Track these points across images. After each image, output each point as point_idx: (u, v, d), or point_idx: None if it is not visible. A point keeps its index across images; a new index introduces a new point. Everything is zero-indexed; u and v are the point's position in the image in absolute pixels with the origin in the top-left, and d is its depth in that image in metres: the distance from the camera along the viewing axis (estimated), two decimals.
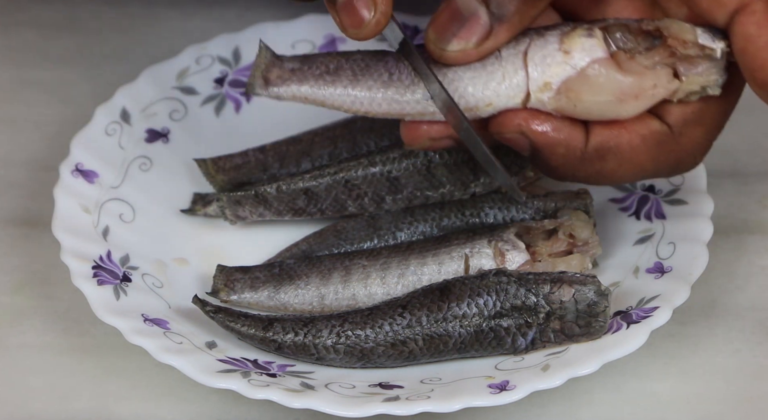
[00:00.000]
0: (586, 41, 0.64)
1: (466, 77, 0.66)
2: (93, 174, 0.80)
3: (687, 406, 0.73)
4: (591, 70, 0.64)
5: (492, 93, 0.65)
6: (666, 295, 0.72)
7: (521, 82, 0.65)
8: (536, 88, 0.65)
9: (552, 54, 0.64)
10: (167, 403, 0.73)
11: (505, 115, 0.66)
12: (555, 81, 0.64)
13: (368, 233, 0.79)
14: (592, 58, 0.64)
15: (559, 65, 0.64)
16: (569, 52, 0.64)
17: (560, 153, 0.65)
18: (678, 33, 0.64)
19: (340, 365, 0.73)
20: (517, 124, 0.65)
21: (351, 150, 0.81)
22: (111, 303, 0.73)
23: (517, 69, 0.65)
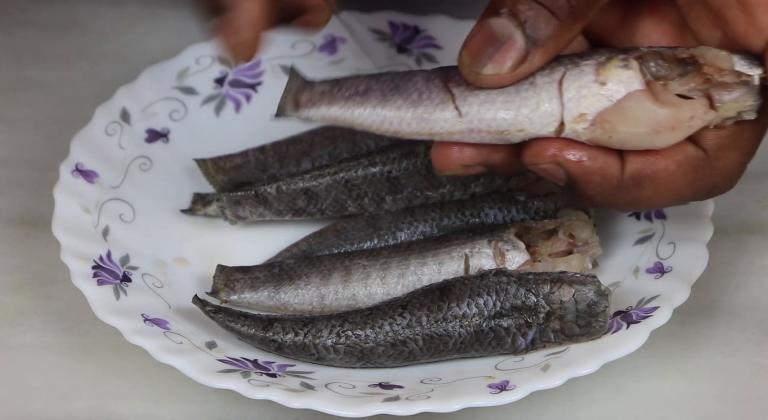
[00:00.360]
0: (622, 73, 0.63)
1: (498, 100, 0.64)
2: (93, 174, 0.80)
3: (687, 406, 0.73)
4: (627, 102, 0.63)
5: (525, 119, 0.64)
6: (666, 295, 0.72)
7: (555, 111, 0.64)
8: (571, 118, 0.63)
9: (588, 85, 0.63)
10: (167, 403, 0.73)
11: (539, 145, 0.65)
12: (590, 112, 0.63)
13: (368, 233, 0.79)
14: (629, 90, 0.63)
15: (595, 96, 0.63)
16: (605, 84, 0.63)
17: (596, 182, 0.64)
18: (714, 61, 0.63)
19: (340, 365, 0.73)
20: (552, 155, 0.64)
21: (351, 150, 0.81)
22: (111, 303, 0.73)
23: (551, 97, 0.64)
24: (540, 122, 0.64)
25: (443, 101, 0.65)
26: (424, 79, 0.66)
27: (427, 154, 0.78)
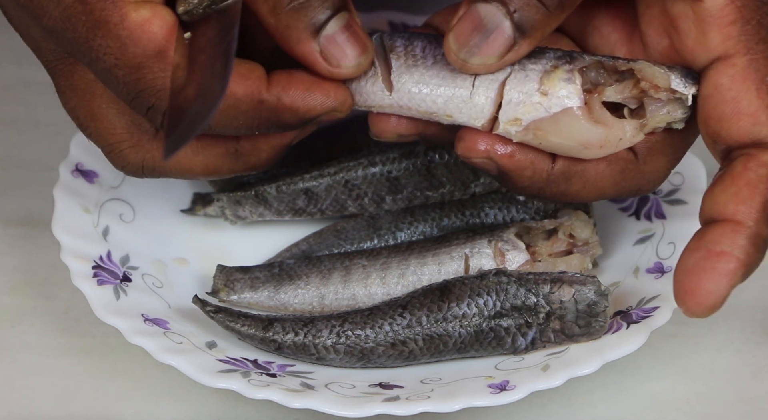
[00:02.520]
0: (564, 87, 0.64)
1: (432, 83, 0.65)
2: (93, 174, 0.80)
3: (687, 406, 0.73)
4: (563, 116, 0.64)
5: (455, 108, 0.65)
6: (666, 295, 0.72)
7: (487, 109, 0.64)
8: (506, 119, 0.64)
9: (529, 93, 0.64)
10: (167, 403, 0.73)
11: (471, 139, 0.66)
12: (526, 119, 0.64)
13: (368, 233, 0.79)
14: (567, 106, 0.64)
15: (534, 105, 0.64)
16: (546, 94, 0.64)
17: (527, 175, 0.66)
18: (651, 77, 0.64)
19: (340, 365, 0.73)
20: (484, 151, 0.65)
21: (351, 150, 0.81)
22: (111, 303, 0.73)
23: (488, 96, 0.64)
24: (469, 114, 0.65)
25: (375, 74, 0.66)
26: (377, 42, 0.66)
27: (427, 153, 0.78)
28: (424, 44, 0.66)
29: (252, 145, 0.67)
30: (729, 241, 0.60)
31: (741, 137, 0.62)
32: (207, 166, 0.67)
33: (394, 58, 0.66)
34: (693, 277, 0.61)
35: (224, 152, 0.67)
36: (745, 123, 0.62)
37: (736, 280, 0.60)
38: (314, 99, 0.64)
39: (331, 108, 0.65)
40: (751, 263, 0.61)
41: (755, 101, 0.62)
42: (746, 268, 0.60)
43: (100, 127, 0.67)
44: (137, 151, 0.67)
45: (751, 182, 0.61)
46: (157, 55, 0.62)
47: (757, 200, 0.61)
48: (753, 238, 0.61)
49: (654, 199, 0.79)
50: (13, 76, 0.91)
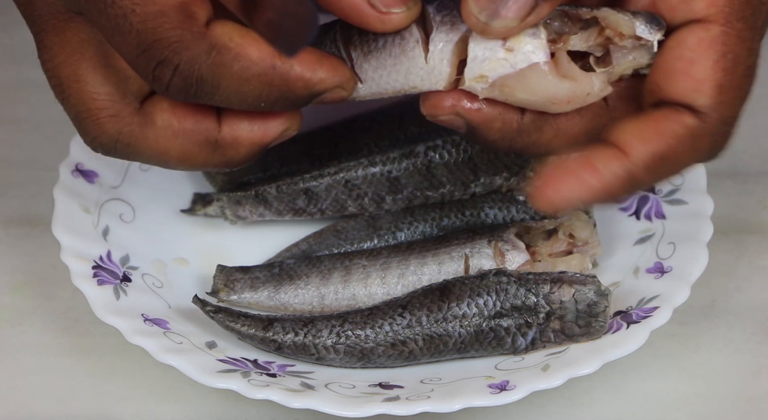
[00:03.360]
0: (530, 41, 0.63)
1: (388, 64, 0.65)
2: (93, 174, 0.80)
3: (687, 406, 0.73)
4: (529, 72, 0.63)
5: (416, 78, 0.64)
6: (666, 295, 0.72)
7: (445, 71, 0.64)
8: (471, 76, 0.63)
9: (494, 49, 0.63)
10: (167, 403, 0.73)
11: (435, 96, 0.65)
12: (492, 75, 0.63)
13: (368, 233, 0.79)
14: (533, 61, 0.63)
15: (499, 61, 0.63)
16: (512, 50, 0.63)
17: (497, 128, 0.64)
18: (616, 25, 0.63)
19: (340, 365, 0.73)
20: (451, 106, 0.64)
21: (351, 150, 0.81)
22: (111, 303, 0.73)
23: (443, 58, 0.64)
24: (430, 80, 0.64)
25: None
26: (330, 42, 0.66)
27: (427, 153, 0.78)
28: None
29: (233, 137, 0.65)
30: (607, 162, 0.61)
31: (678, 96, 0.61)
32: (183, 152, 0.65)
33: (352, 49, 0.65)
34: (557, 172, 0.61)
35: (204, 141, 0.65)
36: (688, 85, 0.61)
37: (588, 197, 0.61)
38: (323, 72, 0.63)
39: (338, 83, 0.63)
40: (610, 193, 0.61)
41: (708, 70, 0.61)
42: (604, 194, 0.61)
43: (83, 89, 0.64)
44: (116, 122, 0.64)
45: (660, 130, 0.61)
46: (180, 6, 0.60)
47: (654, 147, 0.61)
48: (628, 174, 0.61)
49: (654, 199, 0.79)
50: (13, 76, 0.91)
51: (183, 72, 0.61)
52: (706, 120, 0.62)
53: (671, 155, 0.62)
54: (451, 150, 0.78)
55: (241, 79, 0.62)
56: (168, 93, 0.62)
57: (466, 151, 0.78)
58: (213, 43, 0.61)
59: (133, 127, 0.64)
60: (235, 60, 0.61)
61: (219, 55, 0.61)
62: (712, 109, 0.61)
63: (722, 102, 0.62)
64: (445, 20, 0.64)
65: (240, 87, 0.62)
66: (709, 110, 0.61)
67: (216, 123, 0.65)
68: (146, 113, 0.64)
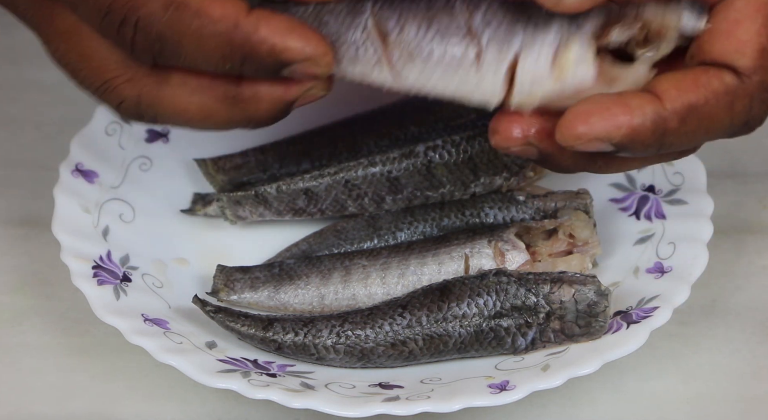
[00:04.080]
0: (578, 63, 0.62)
1: (435, 75, 0.63)
2: (93, 174, 0.80)
3: (687, 406, 0.73)
4: (578, 89, 0.63)
5: (465, 94, 0.63)
6: (666, 295, 0.72)
7: (498, 92, 0.63)
8: (518, 100, 0.63)
9: (542, 74, 0.62)
10: (167, 403, 0.73)
11: (503, 128, 0.63)
12: (540, 94, 0.62)
13: (368, 233, 0.79)
14: (583, 81, 0.62)
15: (549, 85, 0.62)
16: (560, 77, 0.62)
17: (570, 153, 0.63)
18: (662, 25, 0.62)
19: (340, 365, 0.73)
20: (523, 137, 0.63)
21: (351, 150, 0.81)
22: (111, 303, 0.73)
23: (497, 81, 0.63)
24: (481, 96, 0.63)
25: (379, 62, 0.64)
26: (362, 31, 0.64)
27: (427, 153, 0.78)
28: (417, 27, 0.63)
29: (253, 92, 0.63)
30: (640, 103, 0.60)
31: (720, 56, 0.61)
32: (203, 108, 0.64)
33: (391, 48, 0.63)
34: (589, 106, 0.61)
35: (222, 96, 0.64)
36: (731, 46, 0.61)
37: (615, 134, 0.60)
38: (293, 39, 0.61)
39: (309, 56, 0.61)
40: (638, 135, 0.60)
41: (753, 33, 0.61)
42: (631, 135, 0.60)
43: (93, 65, 0.64)
44: (133, 85, 0.64)
45: (698, 83, 0.61)
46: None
47: (690, 98, 0.61)
48: (659, 119, 0.60)
49: (654, 199, 0.79)
50: (13, 76, 0.91)
51: (142, 29, 0.60)
52: (745, 81, 0.61)
53: (705, 109, 0.61)
54: (451, 150, 0.78)
55: (202, 37, 0.61)
56: (135, 54, 0.61)
57: (466, 151, 0.78)
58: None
59: (150, 88, 0.64)
60: (195, 16, 0.60)
61: (177, 11, 0.60)
62: (753, 71, 0.61)
63: (764, 66, 0.61)
64: (493, 38, 0.62)
65: (201, 45, 0.61)
66: (750, 72, 0.61)
67: (234, 78, 0.63)
68: (161, 72, 0.64)
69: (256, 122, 0.64)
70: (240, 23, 0.60)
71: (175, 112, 0.64)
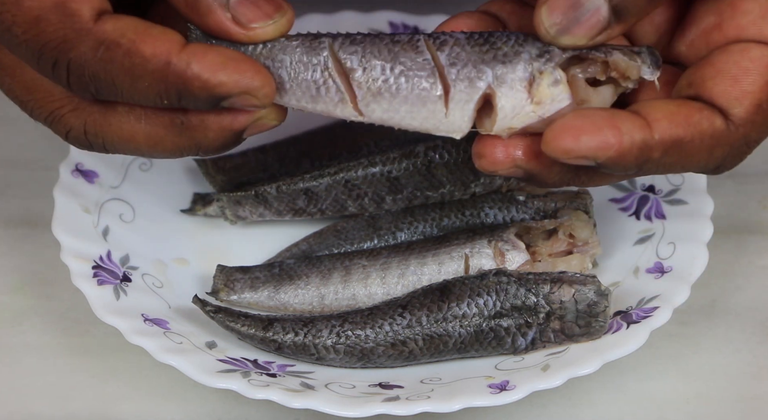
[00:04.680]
0: (554, 90, 0.63)
1: (402, 110, 0.64)
2: (93, 174, 0.80)
3: (687, 406, 0.73)
4: (556, 116, 0.63)
5: (432, 127, 0.64)
6: (666, 295, 0.72)
7: (465, 125, 0.64)
8: (499, 129, 0.63)
9: (521, 105, 0.63)
10: (167, 403, 0.73)
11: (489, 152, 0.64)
12: (519, 125, 0.63)
13: (368, 233, 0.79)
14: (560, 107, 0.63)
15: (528, 114, 0.63)
16: (539, 104, 0.63)
17: (556, 171, 0.64)
18: (624, 70, 0.64)
19: (340, 365, 0.73)
20: (509, 160, 0.64)
21: (351, 150, 0.81)
22: (111, 303, 0.73)
23: (464, 115, 0.63)
24: (447, 130, 0.64)
25: (342, 101, 0.64)
26: (322, 70, 0.64)
27: (427, 153, 0.78)
28: (381, 64, 0.64)
29: (200, 119, 0.63)
30: (631, 128, 0.61)
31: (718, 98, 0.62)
32: (150, 136, 0.64)
33: (355, 86, 0.64)
34: (581, 122, 0.61)
35: (169, 123, 0.64)
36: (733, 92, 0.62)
37: (600, 154, 0.60)
38: (226, 74, 0.61)
39: (244, 89, 0.61)
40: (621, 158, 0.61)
41: (757, 86, 0.62)
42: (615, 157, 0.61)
43: (38, 97, 0.65)
44: (78, 114, 0.65)
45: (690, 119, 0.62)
46: (57, 6, 0.60)
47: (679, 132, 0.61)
48: (645, 147, 0.61)
49: (654, 199, 0.79)
50: None
51: (74, 70, 0.61)
52: (732, 130, 0.62)
53: (688, 147, 0.62)
54: (451, 150, 0.78)
55: (135, 76, 0.61)
56: (73, 91, 0.62)
57: (466, 151, 0.78)
58: (100, 39, 0.60)
59: (95, 116, 0.64)
60: (126, 56, 0.60)
61: (108, 51, 0.60)
62: (742, 123, 0.62)
63: (754, 121, 0.62)
64: (461, 76, 0.63)
65: (135, 83, 0.61)
66: (739, 122, 0.62)
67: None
68: (106, 101, 0.64)
69: (206, 150, 0.64)
70: (172, 61, 0.61)
71: (122, 140, 0.64)
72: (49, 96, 0.65)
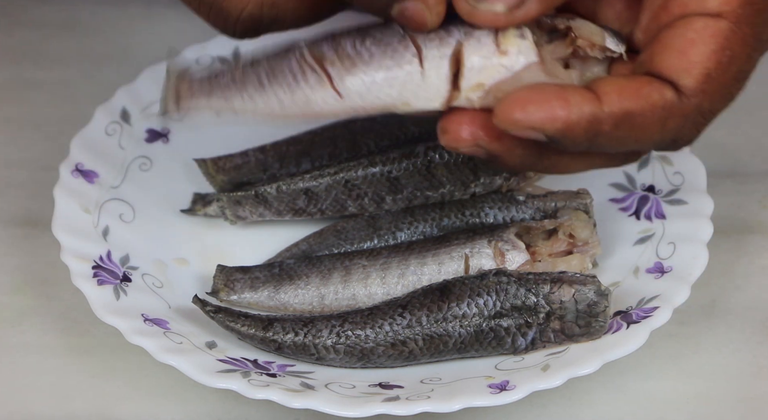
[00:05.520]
0: (521, 42, 0.63)
1: (378, 77, 0.64)
2: (93, 174, 0.80)
3: (687, 406, 0.73)
4: (524, 73, 0.63)
5: (410, 94, 0.64)
6: (666, 295, 0.72)
7: (442, 87, 0.63)
8: (468, 86, 0.63)
9: (489, 55, 0.63)
10: (167, 403, 0.73)
11: (453, 127, 0.63)
12: (489, 82, 0.63)
13: (368, 233, 0.79)
14: (528, 61, 0.63)
15: (496, 67, 0.63)
16: (506, 54, 0.63)
17: (518, 154, 0.64)
18: (589, 36, 0.64)
19: (340, 365, 0.73)
20: (472, 139, 0.63)
21: (351, 150, 0.81)
22: (111, 303, 0.73)
23: (440, 72, 0.63)
24: (426, 96, 0.64)
25: (320, 83, 0.64)
26: (297, 59, 0.64)
27: (427, 153, 0.78)
28: (352, 41, 0.64)
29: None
30: (579, 100, 0.61)
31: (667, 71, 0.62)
32: None
33: (329, 66, 0.64)
34: (529, 94, 0.61)
35: None
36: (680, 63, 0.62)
37: (549, 126, 0.60)
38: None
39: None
40: (570, 131, 0.61)
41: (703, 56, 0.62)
42: (564, 130, 0.60)
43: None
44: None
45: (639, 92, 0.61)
46: None
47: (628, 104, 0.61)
48: (594, 119, 0.61)
49: (654, 199, 0.79)
50: (13, 76, 0.91)
51: None
52: (683, 101, 0.62)
53: (639, 120, 0.62)
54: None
55: None
56: None
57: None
58: None
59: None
60: None
61: None
62: (693, 93, 0.62)
63: (705, 91, 0.62)
64: (431, 37, 0.63)
65: None
66: (690, 93, 0.62)
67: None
68: None
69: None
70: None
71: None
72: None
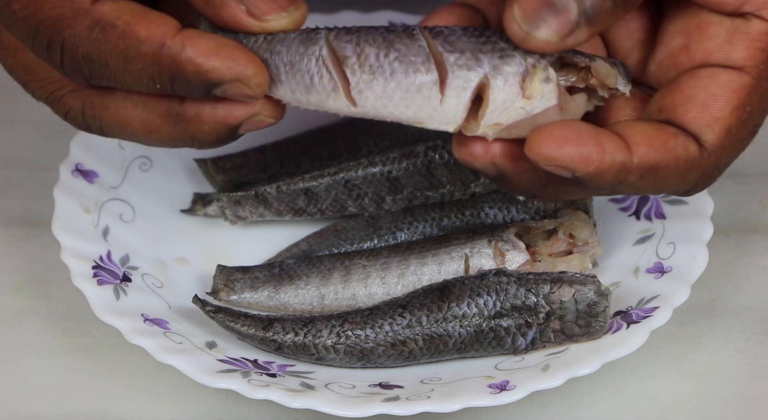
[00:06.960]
0: (545, 88, 0.62)
1: (396, 96, 0.63)
2: (93, 174, 0.80)
3: (687, 406, 0.73)
4: (541, 116, 0.63)
5: (425, 116, 0.63)
6: (666, 295, 0.72)
7: (459, 115, 0.63)
8: (487, 124, 0.63)
9: (512, 99, 0.62)
10: (167, 403, 0.73)
11: (471, 145, 0.63)
12: (506, 122, 0.63)
13: (368, 233, 0.79)
14: (547, 106, 0.63)
15: (516, 110, 0.62)
16: (530, 99, 0.63)
17: (527, 178, 0.64)
18: (604, 77, 0.64)
19: (340, 365, 0.73)
20: (488, 156, 0.63)
21: (351, 150, 0.81)
22: (111, 303, 0.73)
23: (460, 103, 0.63)
24: (440, 120, 0.63)
25: (335, 90, 0.63)
26: (317, 59, 0.63)
27: (427, 153, 0.78)
28: (376, 50, 0.63)
29: (195, 111, 0.63)
30: (613, 148, 0.61)
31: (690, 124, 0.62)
32: (146, 123, 0.64)
33: (349, 72, 0.63)
34: (569, 132, 0.61)
35: (165, 112, 0.63)
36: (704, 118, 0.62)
37: (580, 168, 0.60)
38: (219, 60, 0.61)
39: (236, 76, 0.61)
40: (599, 176, 0.61)
41: (727, 112, 0.62)
42: (593, 174, 0.61)
43: (39, 78, 0.65)
44: (77, 96, 0.65)
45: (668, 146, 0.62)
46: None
47: (656, 157, 0.62)
48: (623, 168, 0.61)
49: (654, 199, 0.79)
50: None
51: (68, 50, 0.61)
52: (705, 156, 0.63)
53: (664, 173, 0.62)
54: (451, 150, 0.78)
55: (128, 58, 0.61)
56: (66, 73, 0.62)
57: None
58: (96, 20, 0.60)
59: (93, 99, 0.64)
60: (121, 37, 0.60)
61: (103, 32, 0.60)
62: (713, 149, 0.63)
63: (724, 146, 0.63)
64: (459, 63, 0.62)
65: (128, 65, 0.61)
66: (711, 148, 0.63)
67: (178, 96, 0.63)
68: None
69: (200, 142, 0.64)
70: (166, 43, 0.61)
71: (118, 125, 0.64)
72: (50, 77, 0.65)
